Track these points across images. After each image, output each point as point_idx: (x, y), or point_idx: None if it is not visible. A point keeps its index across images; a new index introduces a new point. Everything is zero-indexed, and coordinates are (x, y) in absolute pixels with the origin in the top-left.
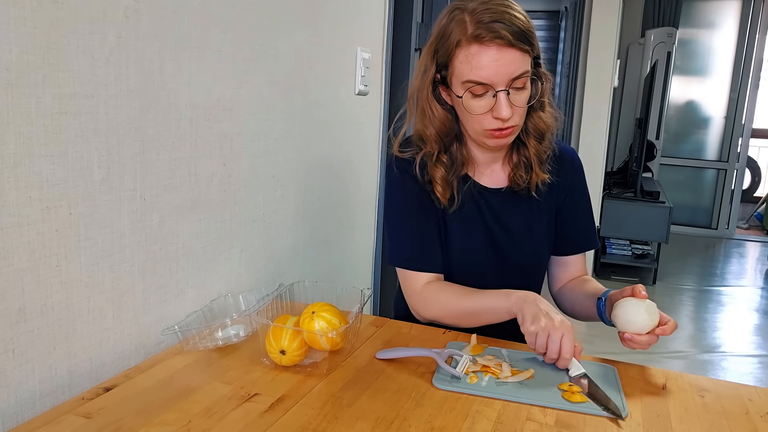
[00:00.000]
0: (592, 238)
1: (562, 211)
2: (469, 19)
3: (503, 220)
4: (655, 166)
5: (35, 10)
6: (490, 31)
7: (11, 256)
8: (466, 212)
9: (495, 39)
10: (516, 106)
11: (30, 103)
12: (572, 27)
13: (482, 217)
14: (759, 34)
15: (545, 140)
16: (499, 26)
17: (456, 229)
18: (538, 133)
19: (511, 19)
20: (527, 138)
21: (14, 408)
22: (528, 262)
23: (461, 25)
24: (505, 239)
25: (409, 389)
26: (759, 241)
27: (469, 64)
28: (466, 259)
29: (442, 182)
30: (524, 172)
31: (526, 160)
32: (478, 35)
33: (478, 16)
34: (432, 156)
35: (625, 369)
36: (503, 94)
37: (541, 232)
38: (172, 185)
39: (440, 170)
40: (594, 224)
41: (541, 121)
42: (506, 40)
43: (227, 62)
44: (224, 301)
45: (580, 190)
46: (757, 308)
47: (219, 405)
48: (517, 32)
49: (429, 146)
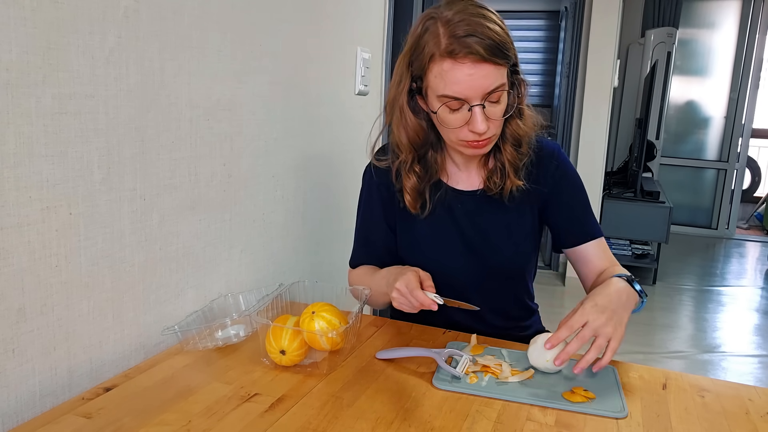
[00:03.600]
0: (593, 226)
1: (549, 207)
2: (443, 32)
3: (479, 223)
4: (655, 166)
5: (35, 10)
6: (464, 47)
7: (11, 256)
8: (438, 218)
9: (469, 54)
10: (492, 119)
11: (30, 103)
12: (572, 27)
13: (455, 222)
14: (759, 34)
15: (522, 146)
16: (473, 41)
17: (428, 235)
18: (515, 140)
19: (485, 32)
20: (503, 144)
21: (14, 408)
22: (509, 264)
23: (435, 38)
24: (481, 242)
25: (409, 389)
26: (759, 241)
27: (443, 79)
28: (441, 265)
29: (413, 192)
30: (498, 178)
31: (502, 166)
32: (451, 51)
33: (453, 29)
34: (405, 165)
35: (625, 369)
36: (478, 108)
37: (520, 234)
38: (172, 185)
39: (412, 179)
40: (592, 213)
41: (519, 128)
42: (480, 56)
43: (227, 62)
44: (224, 301)
45: (566, 182)
46: (757, 308)
47: (219, 405)
48: (491, 46)
49: (403, 155)
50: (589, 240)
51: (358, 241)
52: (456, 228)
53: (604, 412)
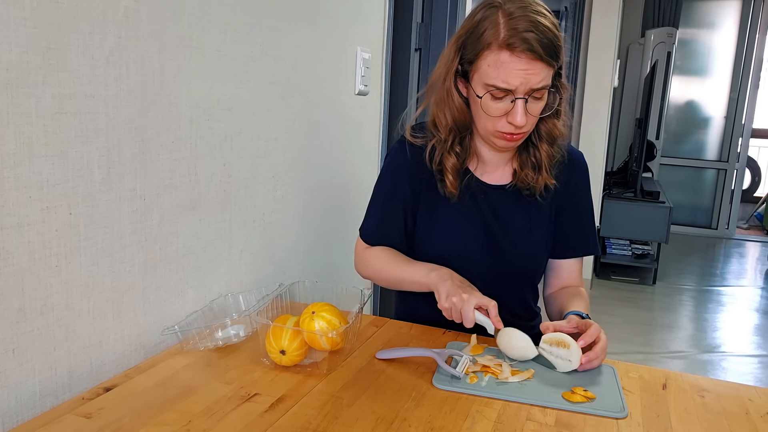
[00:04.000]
0: (592, 244)
1: (563, 213)
2: (504, 23)
3: (503, 217)
4: (655, 166)
5: (35, 10)
6: (523, 42)
7: (11, 256)
8: (463, 206)
9: (526, 50)
10: (531, 115)
11: (30, 103)
12: (572, 27)
13: (480, 213)
14: (759, 34)
15: (556, 146)
16: (532, 37)
17: (451, 222)
18: (551, 138)
19: (545, 30)
20: (540, 141)
21: (14, 408)
22: (524, 262)
23: (495, 26)
24: (503, 236)
25: (409, 389)
26: (759, 241)
27: (496, 69)
28: (459, 252)
29: (453, 172)
30: (532, 172)
31: (536, 161)
32: (510, 43)
33: (514, 22)
34: (446, 145)
35: (625, 369)
36: (521, 101)
37: (540, 234)
38: (172, 185)
39: (452, 159)
40: (594, 231)
41: (556, 128)
42: (537, 53)
43: (227, 62)
44: (224, 301)
45: (583, 193)
46: (757, 308)
47: (219, 405)
48: (548, 46)
49: (443, 134)
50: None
51: (374, 215)
52: (480, 219)
53: (604, 412)
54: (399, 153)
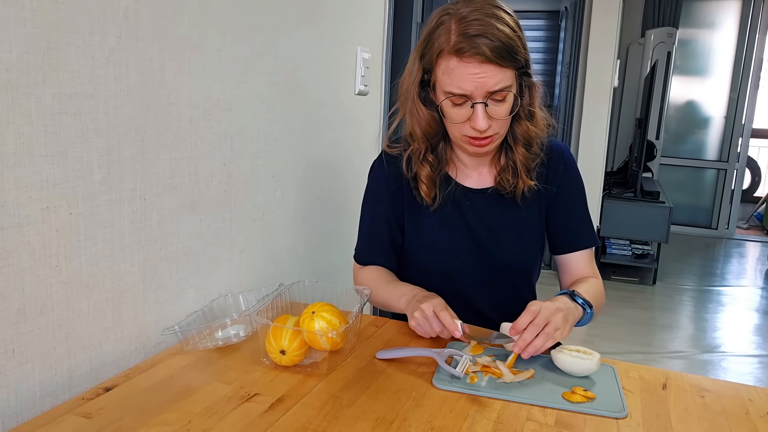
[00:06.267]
0: (589, 236)
1: (553, 209)
2: (455, 29)
3: (489, 221)
4: (655, 166)
5: (35, 10)
6: (471, 46)
7: (11, 256)
8: (447, 214)
9: (475, 54)
10: (494, 118)
11: (30, 103)
12: (572, 27)
13: (464, 219)
14: (759, 34)
15: (533, 147)
16: (481, 41)
17: (436, 230)
18: (526, 141)
19: (496, 33)
20: (515, 145)
21: (14, 408)
22: (515, 264)
23: (446, 33)
24: (490, 241)
25: (409, 389)
26: (759, 241)
27: (449, 75)
28: (448, 260)
29: (428, 181)
30: (511, 176)
31: (513, 165)
32: (459, 49)
33: (464, 27)
34: (419, 154)
35: (625, 369)
36: (480, 106)
37: (529, 234)
38: (172, 185)
39: (426, 168)
40: (591, 222)
41: (529, 130)
42: (486, 57)
43: (227, 62)
44: (224, 301)
45: (572, 187)
46: (757, 308)
47: (219, 405)
48: (499, 48)
49: (416, 144)
50: (580, 249)
51: (364, 237)
52: (465, 225)
53: (604, 412)
54: (377, 172)
